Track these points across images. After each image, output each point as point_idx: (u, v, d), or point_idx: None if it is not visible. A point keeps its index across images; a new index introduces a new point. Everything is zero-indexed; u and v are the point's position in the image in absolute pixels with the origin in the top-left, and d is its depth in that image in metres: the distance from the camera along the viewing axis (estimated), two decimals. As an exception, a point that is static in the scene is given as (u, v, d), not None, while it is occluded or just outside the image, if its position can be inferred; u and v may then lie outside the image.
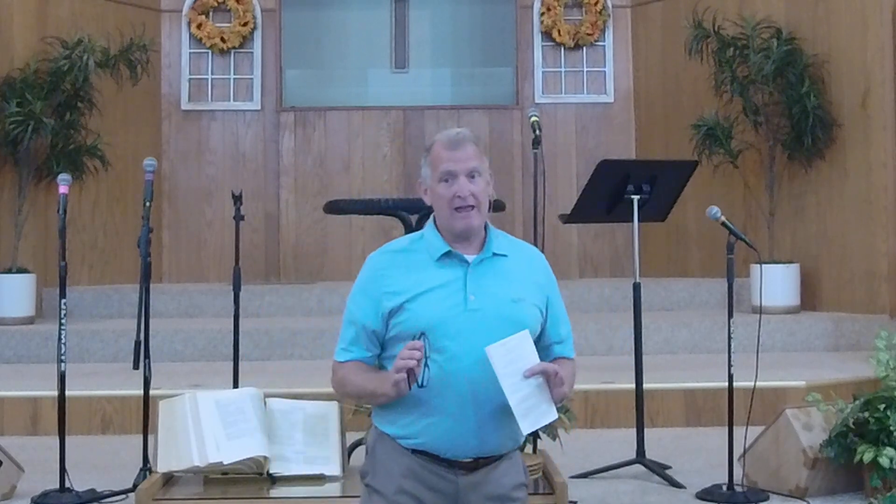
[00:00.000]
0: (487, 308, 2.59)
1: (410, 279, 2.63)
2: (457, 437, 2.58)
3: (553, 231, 7.41)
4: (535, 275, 2.72)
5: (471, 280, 2.62)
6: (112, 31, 7.69)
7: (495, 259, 2.67)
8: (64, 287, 4.26)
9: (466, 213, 2.63)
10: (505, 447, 2.65)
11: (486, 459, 2.62)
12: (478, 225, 2.65)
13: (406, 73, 8.84)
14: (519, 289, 2.65)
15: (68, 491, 4.12)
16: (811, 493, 4.07)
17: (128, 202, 8.01)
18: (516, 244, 2.77)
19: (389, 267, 2.68)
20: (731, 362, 4.18)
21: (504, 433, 2.62)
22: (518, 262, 2.71)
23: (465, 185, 2.64)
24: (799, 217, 7.24)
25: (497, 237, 2.72)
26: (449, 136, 2.73)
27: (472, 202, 2.63)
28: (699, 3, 7.48)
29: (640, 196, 4.65)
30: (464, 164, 2.66)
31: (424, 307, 2.59)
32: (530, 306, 2.65)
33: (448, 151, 2.67)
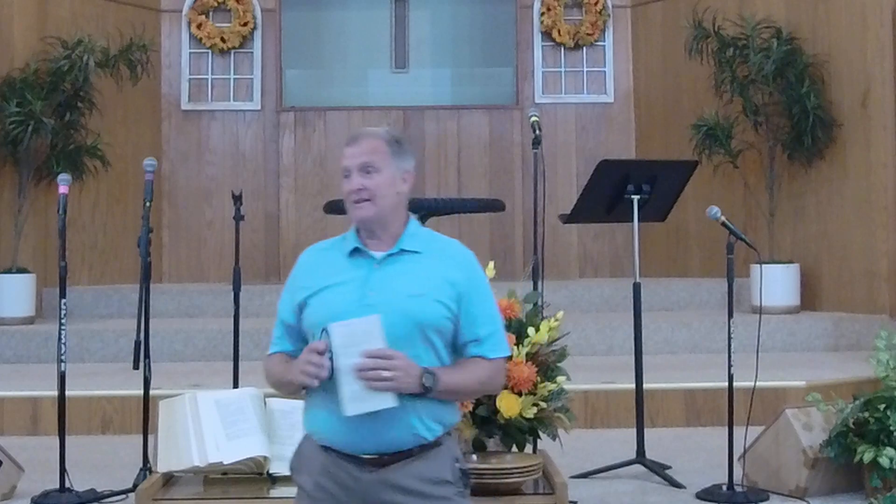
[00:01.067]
0: (383, 303, 2.58)
1: (320, 275, 2.69)
2: (350, 433, 2.56)
3: (553, 231, 7.41)
4: (447, 271, 2.67)
5: (374, 276, 2.64)
6: (112, 31, 7.70)
7: (404, 255, 2.68)
8: (64, 287, 4.26)
9: (359, 206, 2.66)
10: (408, 442, 2.59)
11: (393, 455, 2.59)
12: (371, 217, 2.66)
13: (406, 73, 8.84)
14: (422, 284, 2.63)
15: (68, 491, 4.12)
16: (811, 493, 4.06)
17: (128, 202, 8.01)
18: (438, 241, 2.75)
19: (309, 264, 2.76)
20: (731, 362, 4.18)
21: (400, 428, 2.56)
22: (431, 258, 2.69)
23: (356, 179, 2.66)
24: (799, 217, 7.24)
25: (414, 234, 2.72)
26: (351, 132, 2.78)
27: (364, 195, 2.65)
28: (699, 3, 7.48)
29: (640, 196, 4.65)
30: (356, 159, 2.67)
31: (323, 303, 2.64)
32: (431, 302, 2.62)
33: (346, 148, 2.72)
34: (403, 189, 2.71)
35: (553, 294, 5.40)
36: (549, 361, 3.71)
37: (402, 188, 2.71)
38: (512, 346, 3.62)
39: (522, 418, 3.58)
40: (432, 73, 8.93)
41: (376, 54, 8.87)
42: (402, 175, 2.71)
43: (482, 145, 8.56)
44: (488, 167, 8.54)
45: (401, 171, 2.70)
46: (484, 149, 8.56)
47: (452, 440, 2.72)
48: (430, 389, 2.55)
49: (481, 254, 9.18)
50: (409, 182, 2.73)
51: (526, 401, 3.59)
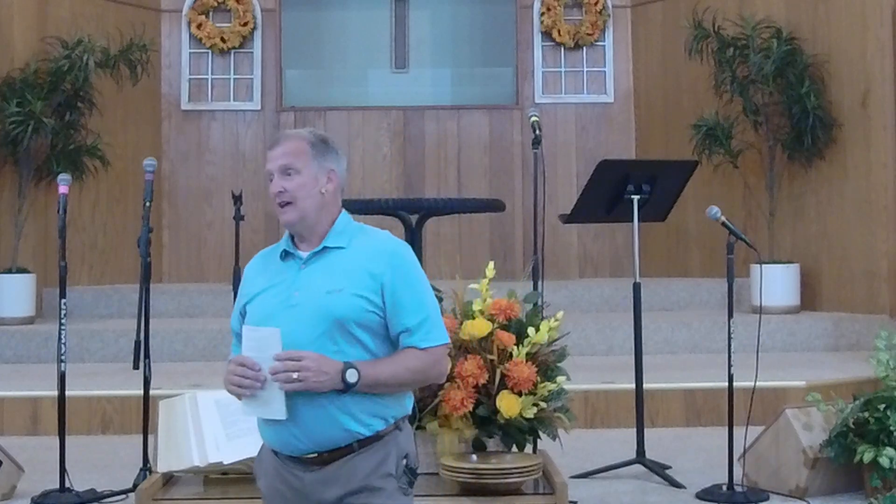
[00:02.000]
0: (305, 302, 2.58)
1: (258, 281, 2.70)
2: (286, 435, 2.56)
3: (553, 231, 7.41)
4: (369, 263, 2.62)
5: (300, 276, 2.63)
6: (112, 31, 7.70)
7: (328, 252, 2.65)
8: (64, 287, 4.26)
9: (283, 210, 2.65)
10: (343, 439, 2.56)
11: (332, 453, 2.57)
12: (293, 220, 2.65)
13: (406, 73, 8.84)
14: (340, 279, 2.59)
15: (68, 491, 4.12)
16: (811, 493, 4.07)
17: (128, 202, 8.01)
18: (365, 235, 2.71)
19: (251, 271, 2.76)
20: (731, 362, 4.18)
21: (331, 426, 2.54)
22: (354, 252, 2.65)
23: (276, 182, 2.65)
24: (799, 217, 7.24)
25: (341, 231, 2.69)
26: (275, 136, 2.76)
27: (286, 198, 2.64)
28: (699, 3, 7.48)
29: (640, 196, 4.65)
30: (276, 161, 2.66)
31: (256, 308, 2.65)
32: (349, 296, 2.57)
33: (268, 151, 2.70)
34: (328, 188, 2.67)
35: (553, 294, 5.41)
36: (549, 361, 3.71)
37: (327, 187, 2.67)
38: (512, 346, 3.62)
39: (522, 418, 3.58)
40: (432, 73, 8.93)
41: (376, 54, 8.87)
42: (327, 174, 2.67)
43: (482, 145, 8.56)
44: (488, 167, 8.54)
45: (324, 170, 2.67)
46: (484, 149, 8.56)
47: (404, 434, 2.65)
48: (352, 385, 2.51)
49: (481, 254, 9.17)
50: (334, 181, 2.69)
51: (526, 401, 3.59)
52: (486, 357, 3.58)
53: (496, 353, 3.59)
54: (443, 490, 3.38)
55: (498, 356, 3.59)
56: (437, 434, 3.55)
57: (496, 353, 3.59)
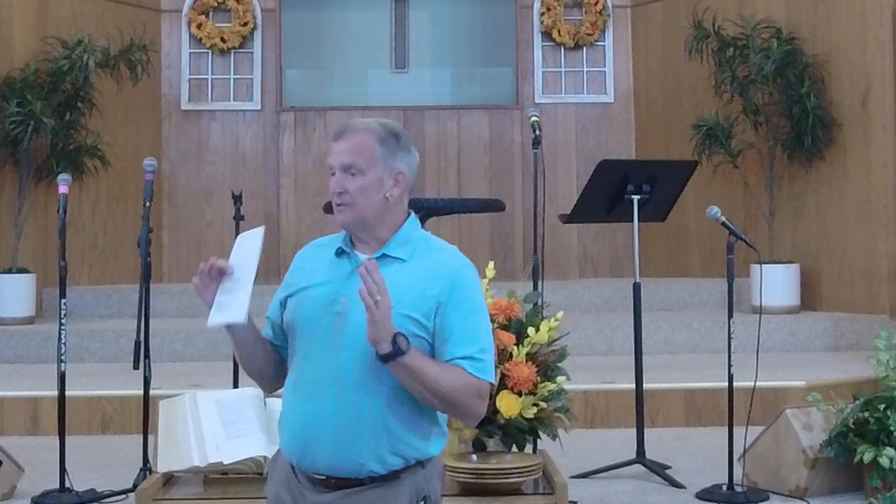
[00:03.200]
0: (350, 312, 2.36)
1: (305, 274, 2.52)
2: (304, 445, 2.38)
3: (553, 231, 7.40)
4: (428, 284, 2.40)
5: (350, 282, 2.40)
6: (112, 31, 7.69)
7: (385, 261, 2.41)
8: (64, 287, 4.26)
9: (339, 210, 2.45)
10: (355, 472, 2.36)
11: (343, 481, 2.37)
12: (350, 222, 2.45)
13: (406, 73, 8.84)
14: (393, 296, 2.31)
15: (68, 491, 4.12)
16: (811, 493, 4.07)
17: (128, 202, 8.01)
18: (429, 249, 2.48)
19: (300, 261, 2.59)
20: (731, 362, 4.19)
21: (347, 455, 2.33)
22: (415, 268, 2.42)
23: (338, 180, 2.44)
24: (799, 217, 7.24)
25: (405, 240, 2.46)
26: (337, 126, 2.52)
27: (345, 199, 2.43)
28: (699, 3, 7.48)
29: (640, 196, 4.65)
30: (339, 157, 2.43)
31: (298, 304, 2.47)
32: (398, 316, 2.31)
33: (332, 144, 2.47)
34: (394, 193, 2.44)
35: (553, 294, 5.40)
36: (549, 361, 3.71)
37: (392, 192, 2.44)
38: (512, 346, 3.62)
39: (522, 418, 3.58)
40: (432, 73, 8.93)
41: (376, 54, 8.87)
42: (394, 176, 2.44)
43: (482, 145, 8.56)
44: (488, 167, 8.54)
45: (392, 171, 2.44)
46: (484, 149, 8.56)
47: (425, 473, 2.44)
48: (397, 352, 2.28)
49: (481, 254, 9.16)
50: (401, 184, 2.45)
51: (526, 401, 3.59)
52: (486, 357, 3.57)
53: (496, 353, 3.59)
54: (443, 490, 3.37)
55: (498, 356, 3.58)
56: (437, 434, 3.54)
57: (496, 353, 3.59)
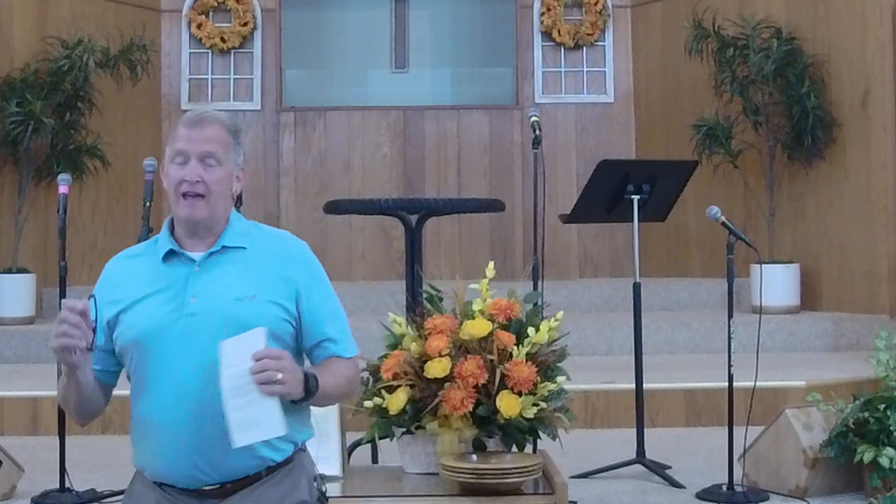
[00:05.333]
0: (208, 310, 2.28)
1: (131, 287, 2.35)
2: (183, 463, 2.27)
3: (553, 231, 7.40)
4: (279, 267, 2.37)
5: (194, 280, 2.32)
6: (112, 31, 7.69)
7: (228, 253, 2.36)
8: (64, 287, 4.26)
9: (192, 202, 2.32)
10: (254, 467, 2.30)
11: (237, 483, 2.30)
12: (203, 217, 2.34)
13: (406, 73, 8.84)
14: (251, 284, 2.31)
15: (68, 491, 4.12)
16: (811, 493, 4.07)
17: (128, 202, 8.01)
18: (267, 234, 2.45)
19: (116, 275, 2.41)
20: (731, 362, 4.18)
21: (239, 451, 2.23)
22: (260, 253, 2.38)
23: (195, 169, 2.32)
24: (799, 217, 7.24)
25: (238, 228, 2.41)
26: (194, 113, 2.39)
27: (200, 190, 2.32)
28: (699, 3, 7.48)
29: (640, 196, 4.65)
30: (199, 145, 2.32)
31: (138, 316, 2.32)
32: (264, 303, 2.30)
33: (186, 129, 2.34)
34: (237, 188, 2.41)
35: (553, 294, 5.40)
36: (549, 361, 3.71)
37: (237, 187, 2.41)
38: (512, 346, 3.62)
39: (522, 418, 3.58)
40: (432, 73, 8.93)
41: (376, 54, 8.87)
42: (238, 172, 2.41)
43: (482, 145, 8.56)
44: (488, 167, 8.54)
45: (237, 167, 2.40)
46: (484, 149, 8.56)
47: (307, 456, 2.44)
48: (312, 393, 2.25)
49: (481, 254, 9.18)
50: (242, 181, 2.43)
51: (526, 401, 3.58)
52: (486, 357, 3.57)
53: (496, 353, 3.59)
54: (443, 490, 3.38)
55: (498, 356, 3.58)
56: (436, 434, 3.55)
57: (496, 353, 3.59)
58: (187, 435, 2.26)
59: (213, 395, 2.20)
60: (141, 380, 2.35)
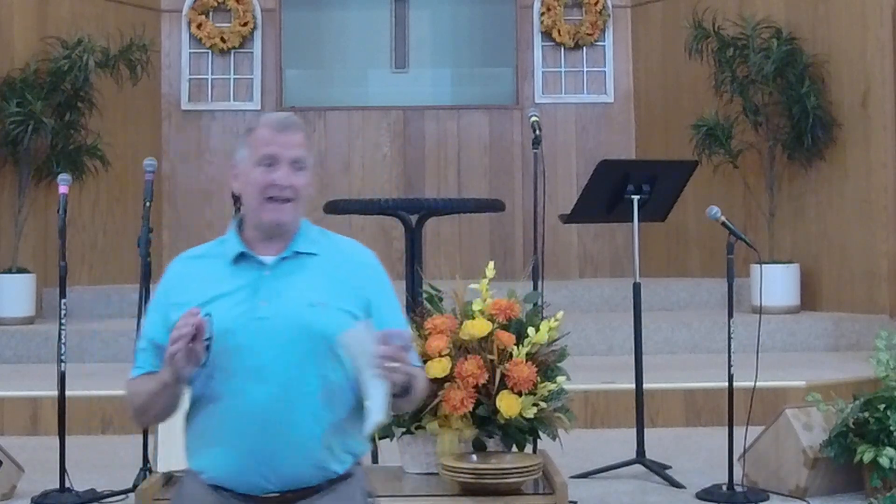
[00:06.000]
0: (279, 315, 2.26)
1: (199, 288, 2.32)
2: (249, 470, 2.24)
3: (553, 231, 7.40)
4: (351, 275, 2.36)
5: (265, 284, 2.30)
6: (112, 31, 7.69)
7: (299, 258, 2.34)
8: (64, 287, 4.26)
9: (279, 206, 2.31)
10: (316, 478, 2.28)
11: (298, 493, 2.28)
12: (289, 221, 2.34)
13: (406, 73, 8.84)
14: (323, 291, 2.29)
15: (68, 491, 4.12)
16: (811, 493, 4.07)
17: (128, 202, 8.01)
18: (335, 242, 2.44)
19: (182, 275, 2.38)
20: (731, 362, 4.18)
21: (306, 461, 2.25)
22: (330, 261, 2.37)
23: (287, 174, 2.31)
24: (799, 217, 7.24)
25: (308, 234, 2.39)
26: (278, 117, 2.39)
27: (289, 194, 2.31)
28: (699, 3, 7.48)
29: (640, 196, 4.65)
30: (290, 150, 2.32)
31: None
32: (335, 311, 2.28)
33: (275, 133, 2.34)
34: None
35: (553, 294, 5.40)
36: (549, 361, 3.71)
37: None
38: (512, 346, 3.62)
39: (522, 418, 3.58)
40: (432, 73, 8.93)
41: (376, 54, 8.87)
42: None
43: (482, 145, 8.56)
44: (488, 167, 8.54)
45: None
46: (484, 149, 8.56)
47: (362, 470, 2.42)
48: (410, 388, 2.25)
49: (481, 254, 9.17)
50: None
51: (526, 401, 3.58)
52: (486, 357, 3.58)
53: (496, 353, 3.59)
54: (443, 490, 3.38)
55: (498, 356, 3.58)
56: (436, 434, 3.55)
57: (496, 353, 3.59)
58: (255, 441, 2.23)
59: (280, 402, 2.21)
60: (206, 382, 2.30)
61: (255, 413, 2.22)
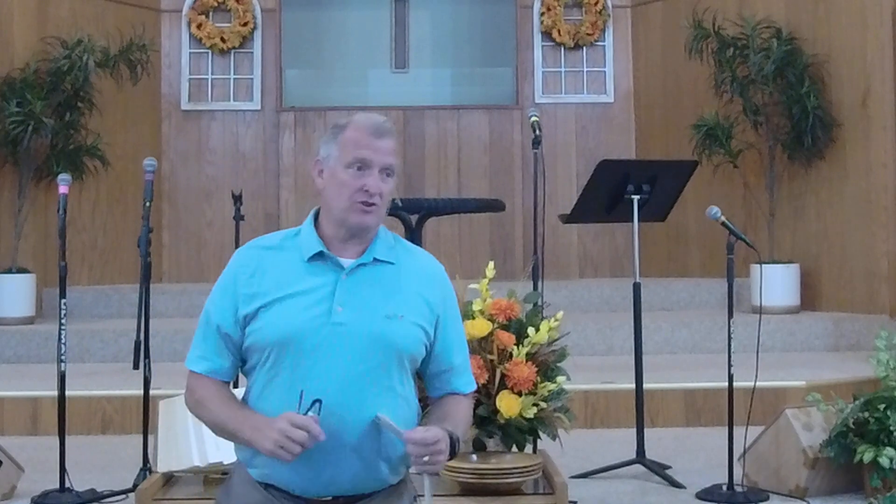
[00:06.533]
0: (355, 322, 2.23)
1: (272, 281, 2.28)
2: (309, 473, 2.23)
3: (553, 231, 7.41)
4: (425, 289, 2.35)
5: (342, 288, 2.26)
6: (112, 31, 7.69)
7: (377, 266, 2.32)
8: (64, 287, 4.26)
9: (366, 210, 2.28)
10: (369, 486, 2.29)
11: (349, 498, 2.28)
12: (374, 226, 2.32)
13: (406, 73, 8.84)
14: (399, 303, 2.28)
15: (68, 491, 4.12)
16: (811, 493, 4.06)
17: (128, 202, 8.01)
18: (411, 252, 2.41)
19: (253, 265, 2.32)
20: (731, 362, 4.18)
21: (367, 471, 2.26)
22: (407, 272, 2.34)
23: (378, 180, 2.29)
24: (799, 217, 7.24)
25: (386, 241, 2.36)
26: (374, 121, 2.34)
27: (377, 200, 2.29)
28: (699, 3, 7.48)
29: (640, 196, 4.65)
30: (384, 157, 2.30)
31: (281, 316, 2.24)
32: (410, 325, 2.28)
33: (370, 138, 2.30)
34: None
35: (553, 294, 5.40)
36: (549, 361, 3.71)
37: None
38: (512, 346, 3.63)
39: (522, 418, 3.58)
40: (432, 73, 8.93)
41: (376, 54, 8.87)
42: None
43: (482, 145, 8.56)
44: (488, 167, 8.54)
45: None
46: (484, 149, 8.56)
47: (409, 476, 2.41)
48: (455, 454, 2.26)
49: (481, 254, 9.18)
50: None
51: (526, 401, 3.59)
52: (486, 357, 3.58)
53: (496, 353, 3.59)
54: (443, 490, 3.37)
55: (498, 356, 3.59)
56: (437, 434, 3.54)
57: (496, 353, 3.59)
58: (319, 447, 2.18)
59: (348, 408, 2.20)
60: (274, 381, 2.26)
61: (322, 418, 2.18)
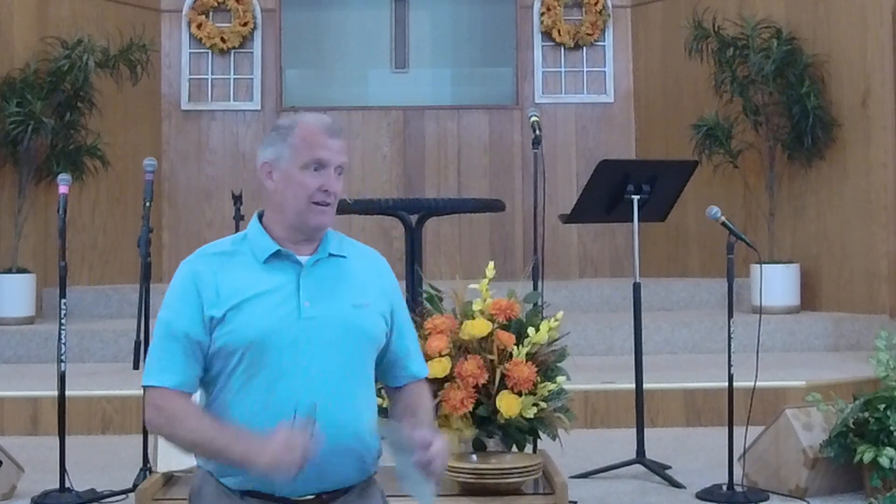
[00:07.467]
0: (325, 315, 2.25)
1: (233, 285, 2.26)
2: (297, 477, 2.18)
3: (553, 231, 7.41)
4: (379, 279, 2.40)
5: (305, 283, 2.28)
6: (112, 31, 7.69)
7: (332, 260, 2.35)
8: (64, 287, 4.26)
9: (323, 210, 2.30)
10: (350, 479, 2.30)
11: (331, 494, 2.28)
12: (330, 224, 2.35)
13: (406, 73, 8.84)
14: (362, 293, 2.32)
15: (68, 491, 4.12)
16: (811, 493, 4.07)
17: (128, 202, 8.01)
18: (355, 246, 2.44)
19: (212, 270, 2.29)
20: (731, 362, 4.18)
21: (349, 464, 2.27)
22: (359, 264, 2.39)
23: (334, 179, 2.31)
24: (799, 217, 7.24)
25: (334, 238, 2.39)
26: (325, 120, 2.34)
27: (331, 199, 2.32)
28: (699, 3, 7.48)
29: (640, 196, 4.65)
30: (338, 156, 2.31)
31: (251, 316, 2.23)
32: (374, 313, 2.33)
33: (325, 137, 2.30)
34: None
35: (553, 294, 5.41)
36: (549, 361, 3.71)
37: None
38: (512, 346, 3.62)
39: (522, 418, 3.58)
40: (432, 73, 8.93)
41: (376, 54, 8.87)
42: None
43: (482, 145, 8.56)
44: (488, 167, 8.54)
45: None
46: (484, 149, 8.56)
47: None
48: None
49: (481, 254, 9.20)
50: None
51: (526, 401, 3.59)
52: (486, 357, 3.58)
53: (496, 353, 3.59)
54: (443, 490, 3.36)
55: (498, 356, 3.59)
56: (436, 434, 3.55)
57: (496, 353, 3.59)
58: None
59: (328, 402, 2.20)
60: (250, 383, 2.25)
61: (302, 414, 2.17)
